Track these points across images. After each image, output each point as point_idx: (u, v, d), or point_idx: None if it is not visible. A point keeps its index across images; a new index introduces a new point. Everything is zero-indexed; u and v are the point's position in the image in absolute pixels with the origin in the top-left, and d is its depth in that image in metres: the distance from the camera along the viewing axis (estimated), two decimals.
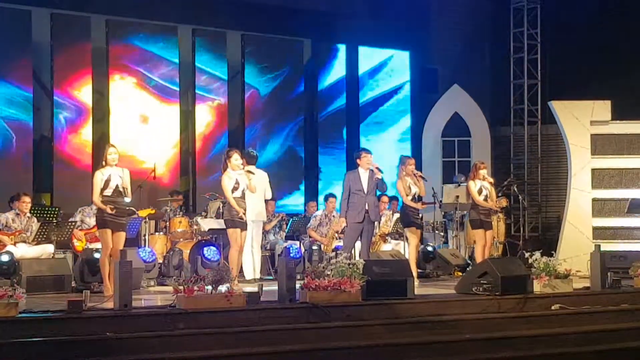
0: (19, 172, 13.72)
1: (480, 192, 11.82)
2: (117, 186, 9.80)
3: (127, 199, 9.91)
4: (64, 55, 14.33)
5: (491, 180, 12.04)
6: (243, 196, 10.60)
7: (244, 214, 10.54)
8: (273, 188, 12.39)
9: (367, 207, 11.01)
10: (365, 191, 11.05)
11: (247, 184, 10.62)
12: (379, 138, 17.56)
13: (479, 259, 11.63)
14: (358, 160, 11.26)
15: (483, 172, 11.88)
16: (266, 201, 12.90)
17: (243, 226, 10.56)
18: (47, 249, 11.16)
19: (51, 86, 14.23)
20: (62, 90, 14.26)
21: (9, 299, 7.56)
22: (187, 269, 11.83)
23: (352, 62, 17.42)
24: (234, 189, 10.50)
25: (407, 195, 11.53)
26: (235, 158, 10.66)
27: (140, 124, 14.99)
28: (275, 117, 16.39)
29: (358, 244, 11.42)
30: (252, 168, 11.75)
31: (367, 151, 11.38)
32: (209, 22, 15.63)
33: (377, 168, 11.10)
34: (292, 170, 16.40)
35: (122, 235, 9.88)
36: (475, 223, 11.85)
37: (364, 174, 11.14)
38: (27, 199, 11.50)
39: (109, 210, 9.65)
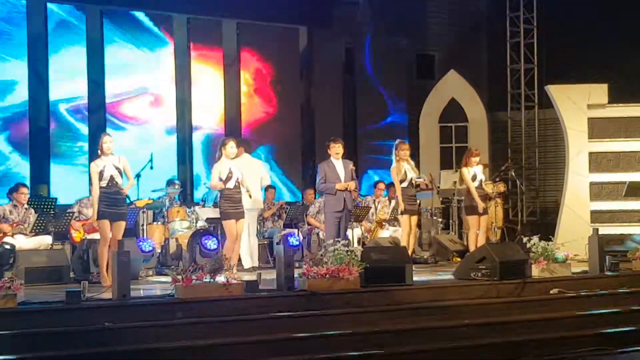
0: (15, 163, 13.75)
1: (474, 178, 11.79)
2: (111, 177, 9.79)
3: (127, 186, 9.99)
4: (60, 47, 14.31)
5: (485, 162, 12.03)
6: (237, 186, 10.40)
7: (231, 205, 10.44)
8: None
9: (344, 196, 10.96)
10: (343, 180, 10.98)
11: (241, 179, 10.46)
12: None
13: (471, 246, 11.62)
14: (328, 150, 11.15)
15: (476, 158, 11.85)
16: (266, 188, 12.90)
17: (237, 216, 10.43)
18: (45, 240, 11.16)
19: (47, 77, 14.21)
20: (58, 82, 14.26)
21: (7, 291, 7.55)
22: (185, 258, 11.83)
23: (348, 48, 17.38)
24: (228, 178, 10.29)
25: (403, 180, 11.45)
26: (231, 146, 10.43)
27: (136, 113, 14.98)
28: (271, 105, 16.36)
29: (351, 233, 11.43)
30: (247, 156, 11.74)
31: (336, 140, 11.18)
32: (204, 10, 15.57)
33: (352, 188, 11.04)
34: (289, 158, 16.39)
35: (121, 225, 9.88)
36: (469, 209, 11.84)
37: (338, 163, 11.05)
38: (25, 190, 11.49)
39: (94, 209, 9.82)
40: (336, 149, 11.07)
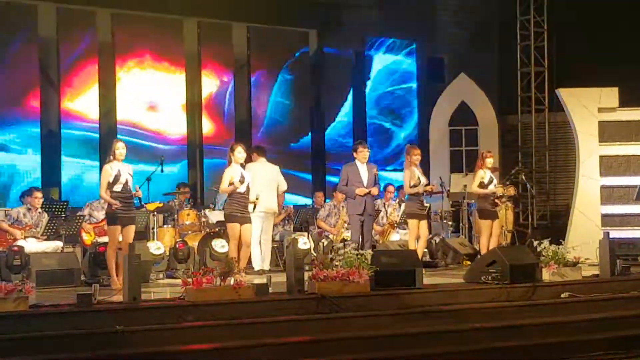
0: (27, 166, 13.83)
1: (490, 181, 11.74)
2: (126, 181, 9.82)
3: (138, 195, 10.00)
4: (70, 50, 14.37)
5: (495, 166, 12.02)
6: (247, 191, 10.46)
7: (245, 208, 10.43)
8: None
9: (366, 200, 11.06)
10: (365, 184, 11.09)
11: (250, 185, 10.49)
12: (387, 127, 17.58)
13: (483, 249, 11.57)
14: (354, 153, 11.30)
15: (489, 160, 11.82)
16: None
17: (242, 220, 10.43)
18: (55, 245, 11.18)
19: (58, 80, 14.26)
20: (69, 84, 14.31)
21: (18, 293, 7.58)
22: (195, 261, 11.84)
23: (358, 52, 17.40)
24: (240, 182, 10.36)
25: (417, 185, 11.42)
26: (239, 151, 10.50)
27: (147, 117, 15.02)
28: (282, 108, 16.38)
29: None
30: (262, 161, 11.70)
31: (364, 145, 11.39)
32: (214, 14, 15.61)
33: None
34: (299, 162, 16.41)
35: (132, 229, 9.91)
36: (483, 213, 11.78)
37: (362, 167, 11.18)
38: (39, 195, 11.52)
39: (117, 205, 9.64)
40: (364, 153, 11.22)
